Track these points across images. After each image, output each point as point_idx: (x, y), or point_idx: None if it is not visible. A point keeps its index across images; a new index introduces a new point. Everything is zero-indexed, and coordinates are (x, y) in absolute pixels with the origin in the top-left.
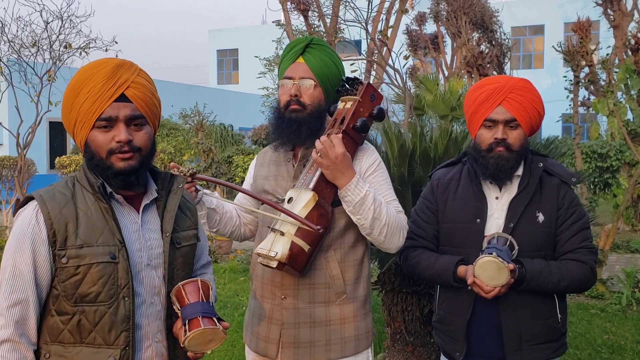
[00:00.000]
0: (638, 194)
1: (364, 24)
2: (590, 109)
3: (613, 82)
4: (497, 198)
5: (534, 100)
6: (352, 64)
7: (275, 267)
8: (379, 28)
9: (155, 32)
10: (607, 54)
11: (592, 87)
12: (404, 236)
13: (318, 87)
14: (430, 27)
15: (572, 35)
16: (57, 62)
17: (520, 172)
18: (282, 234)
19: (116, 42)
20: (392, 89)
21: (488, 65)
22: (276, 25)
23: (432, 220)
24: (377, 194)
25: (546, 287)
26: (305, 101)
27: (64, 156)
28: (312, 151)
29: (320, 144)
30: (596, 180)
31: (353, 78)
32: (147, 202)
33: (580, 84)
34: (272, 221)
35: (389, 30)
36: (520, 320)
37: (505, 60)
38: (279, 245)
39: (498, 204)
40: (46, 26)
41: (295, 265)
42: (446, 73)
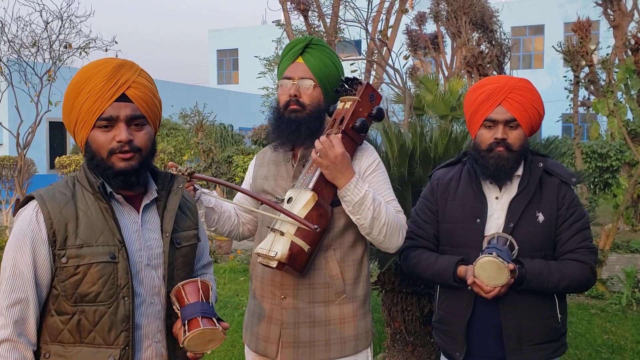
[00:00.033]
0: (638, 194)
1: (364, 24)
2: (590, 109)
3: (613, 82)
4: (497, 198)
5: (534, 100)
6: (352, 64)
7: (275, 267)
8: (379, 28)
9: (155, 32)
10: (607, 54)
11: (592, 87)
12: (403, 236)
13: (317, 87)
14: (430, 27)
15: (572, 35)
16: (57, 62)
17: (520, 172)
18: (281, 233)
19: (116, 42)
20: (392, 89)
21: (488, 65)
22: (276, 25)
23: (432, 220)
24: (377, 193)
25: (546, 287)
26: (304, 101)
27: (64, 156)
28: (312, 151)
29: (319, 144)
30: (596, 180)
31: (352, 78)
32: (147, 202)
33: (580, 84)
34: (271, 221)
35: (389, 30)
36: (520, 320)
37: (505, 60)
38: (278, 245)
39: (498, 204)
40: (46, 26)
41: (295, 265)
42: (446, 73)
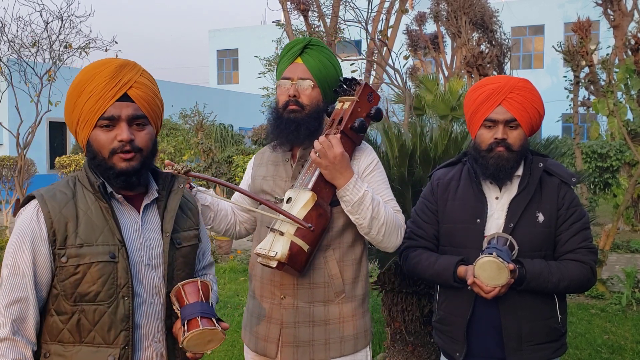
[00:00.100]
0: (638, 194)
1: (364, 24)
2: (590, 109)
3: (613, 82)
4: (497, 198)
5: (534, 100)
6: (352, 64)
7: (275, 267)
8: (379, 28)
9: (155, 32)
10: (607, 54)
11: (592, 87)
12: (401, 235)
13: (316, 87)
14: (430, 27)
15: (572, 35)
16: (57, 62)
17: (520, 172)
18: (281, 233)
19: (116, 42)
20: (392, 89)
21: (488, 65)
22: (276, 25)
23: (432, 220)
24: (375, 193)
25: (546, 287)
26: (303, 102)
27: (64, 156)
28: (311, 151)
29: (318, 144)
30: (596, 180)
31: (351, 78)
32: (147, 202)
33: (580, 84)
34: (271, 221)
35: (389, 30)
36: (520, 320)
37: (505, 60)
38: (278, 245)
39: (498, 204)
40: (46, 26)
41: (295, 265)
42: (446, 73)
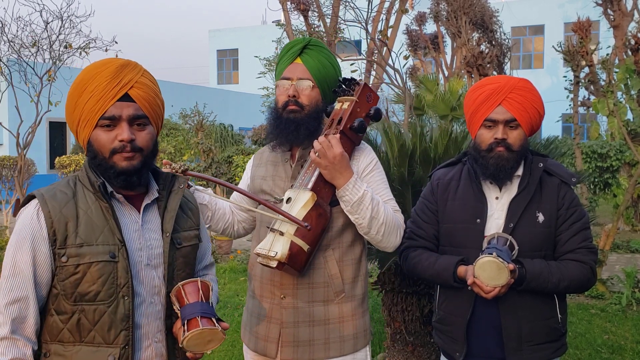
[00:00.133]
0: (638, 194)
1: (364, 24)
2: (590, 109)
3: (613, 82)
4: (497, 198)
5: (534, 100)
6: (352, 64)
7: (275, 267)
8: (379, 28)
9: (155, 32)
10: (607, 54)
11: (592, 87)
12: (400, 235)
13: (316, 88)
14: (430, 27)
15: (572, 35)
16: (57, 62)
17: (520, 172)
18: (281, 233)
19: (116, 42)
20: (392, 89)
21: (488, 65)
22: (276, 25)
23: (432, 220)
24: (374, 193)
25: (546, 287)
26: (303, 102)
27: (64, 156)
28: (310, 151)
29: (318, 144)
30: (596, 180)
31: (350, 79)
32: (148, 202)
33: (580, 84)
34: (270, 221)
35: (389, 30)
36: (520, 320)
37: (505, 60)
38: (278, 245)
39: (498, 204)
40: (46, 26)
41: (295, 265)
42: (446, 73)
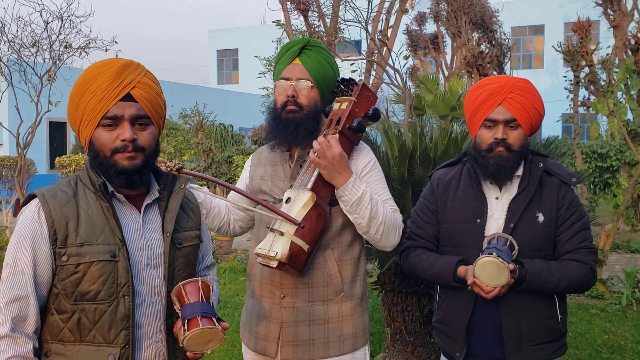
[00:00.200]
0: (638, 194)
1: (364, 24)
2: (590, 109)
3: (613, 82)
4: (497, 198)
5: (534, 100)
6: (352, 64)
7: (276, 267)
8: (379, 28)
9: (155, 32)
10: (607, 54)
11: (592, 87)
12: (399, 234)
13: (315, 88)
14: (430, 27)
15: (572, 35)
16: (57, 62)
17: (520, 172)
18: (281, 234)
19: (116, 42)
20: (392, 89)
21: (488, 65)
22: (276, 25)
23: (432, 221)
24: (373, 192)
25: (546, 288)
26: (302, 102)
27: (64, 156)
28: (310, 152)
29: (317, 144)
30: (596, 180)
31: (348, 79)
32: (149, 201)
33: (580, 84)
34: (270, 221)
35: (389, 30)
36: (521, 320)
37: (505, 60)
38: (278, 245)
39: (498, 204)
40: (46, 26)
41: (295, 265)
42: (446, 73)
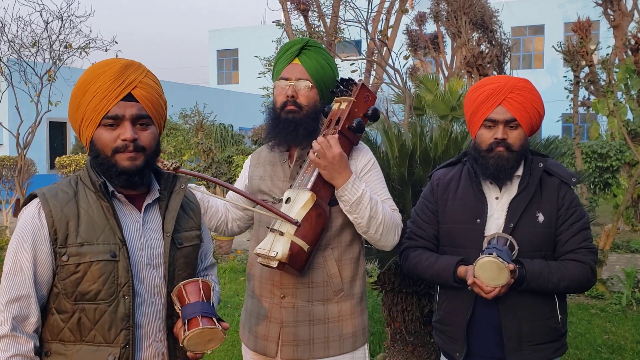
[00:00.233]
0: (638, 194)
1: (364, 24)
2: (590, 109)
3: (613, 82)
4: (497, 198)
5: (534, 100)
6: (352, 64)
7: (276, 267)
8: (379, 28)
9: (155, 32)
10: (607, 54)
11: (592, 87)
12: (398, 234)
13: (314, 88)
14: (430, 27)
15: (572, 35)
16: (57, 62)
17: (520, 172)
18: (281, 234)
19: (116, 42)
20: (392, 89)
21: (488, 65)
22: (276, 25)
23: (432, 221)
24: (373, 192)
25: (546, 288)
26: (301, 102)
27: (64, 156)
28: (309, 152)
29: (317, 144)
30: (596, 180)
31: (347, 79)
32: (149, 201)
33: (580, 84)
34: (270, 221)
35: (389, 30)
36: (521, 320)
37: (505, 60)
38: (279, 245)
39: (498, 204)
40: (46, 26)
41: (295, 265)
42: (446, 73)
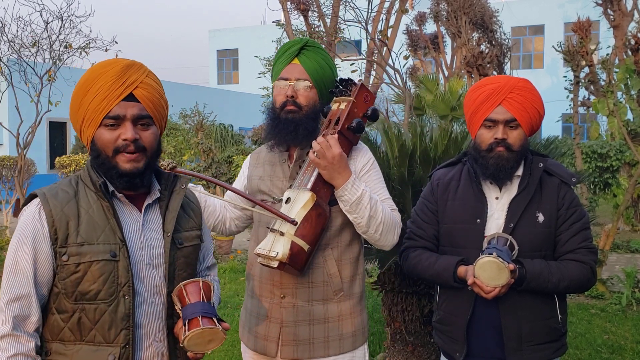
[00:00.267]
0: (638, 194)
1: (364, 24)
2: (590, 109)
3: (613, 82)
4: (497, 198)
5: (534, 100)
6: (352, 64)
7: (276, 267)
8: (379, 28)
9: (155, 32)
10: (607, 54)
11: (592, 87)
12: (398, 234)
13: (313, 88)
14: (430, 27)
15: (572, 35)
16: (57, 62)
17: (520, 172)
18: (281, 234)
19: (116, 42)
20: (392, 89)
21: (488, 65)
22: (276, 25)
23: (432, 221)
24: (372, 192)
25: (546, 288)
26: (301, 102)
27: (64, 156)
28: (309, 152)
29: (317, 144)
30: (596, 180)
31: (346, 79)
32: (149, 201)
33: (580, 84)
34: (270, 221)
35: (389, 30)
36: (521, 320)
37: (505, 60)
38: (279, 246)
39: (498, 204)
40: (46, 26)
41: (296, 265)
42: (446, 73)
